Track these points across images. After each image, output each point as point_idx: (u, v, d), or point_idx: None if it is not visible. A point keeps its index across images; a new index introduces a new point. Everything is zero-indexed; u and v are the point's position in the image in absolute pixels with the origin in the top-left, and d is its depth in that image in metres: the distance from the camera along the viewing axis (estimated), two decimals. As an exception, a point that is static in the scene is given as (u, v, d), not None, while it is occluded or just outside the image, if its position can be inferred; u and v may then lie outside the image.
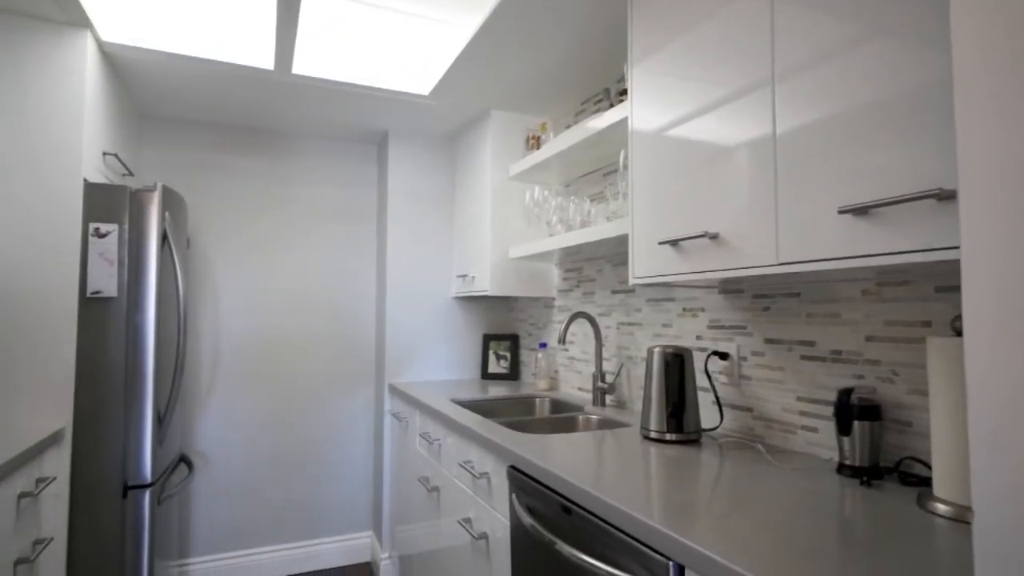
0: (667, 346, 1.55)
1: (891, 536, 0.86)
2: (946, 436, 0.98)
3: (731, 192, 1.20)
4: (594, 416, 1.95)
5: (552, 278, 2.59)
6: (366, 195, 3.04)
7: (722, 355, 1.61)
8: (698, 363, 1.72)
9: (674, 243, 1.35)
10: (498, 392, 2.42)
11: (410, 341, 2.82)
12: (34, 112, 1.73)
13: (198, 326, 2.65)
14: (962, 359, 0.93)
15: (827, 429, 1.34)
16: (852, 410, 1.18)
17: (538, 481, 1.30)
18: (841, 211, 0.93)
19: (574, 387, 2.40)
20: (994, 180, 0.51)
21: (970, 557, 0.78)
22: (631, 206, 1.52)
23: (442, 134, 2.90)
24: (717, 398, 1.60)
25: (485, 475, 1.61)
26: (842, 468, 1.20)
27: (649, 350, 1.58)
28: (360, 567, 2.82)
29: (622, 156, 1.76)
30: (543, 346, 2.52)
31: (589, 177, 2.33)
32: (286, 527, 2.77)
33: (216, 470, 2.66)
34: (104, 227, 1.79)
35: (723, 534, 0.86)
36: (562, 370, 2.49)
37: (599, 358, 2.11)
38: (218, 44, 2.00)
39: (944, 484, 0.98)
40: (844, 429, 1.19)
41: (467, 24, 1.95)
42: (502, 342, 2.90)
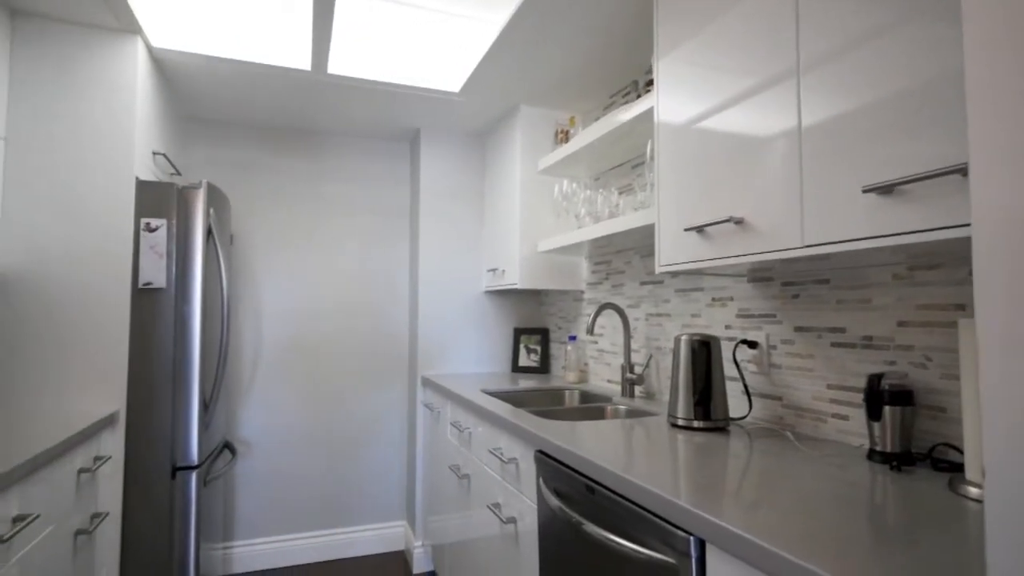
0: (694, 333, 1.55)
1: (921, 520, 0.85)
2: (978, 418, 0.97)
3: (756, 177, 1.19)
4: (622, 406, 1.96)
5: (581, 271, 2.61)
6: (399, 192, 3.11)
7: (751, 344, 1.60)
8: (727, 352, 1.71)
9: (700, 229, 1.35)
10: (528, 384, 2.45)
11: (442, 335, 2.87)
12: (90, 115, 1.85)
13: (240, 317, 2.77)
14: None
15: (858, 417, 1.32)
16: (882, 395, 1.17)
17: (564, 464, 1.33)
18: (866, 190, 0.92)
19: (603, 379, 2.41)
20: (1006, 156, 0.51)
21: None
22: (657, 195, 1.53)
23: (472, 131, 2.94)
24: (746, 387, 1.59)
25: (513, 460, 1.64)
26: (872, 454, 1.18)
27: (676, 338, 1.58)
28: (394, 555, 2.89)
29: (649, 147, 1.76)
30: (572, 339, 2.53)
31: (618, 170, 2.33)
32: (323, 514, 2.86)
33: (257, 457, 2.77)
34: (154, 222, 1.90)
35: (746, 510, 0.87)
36: (592, 363, 2.50)
37: (627, 349, 2.11)
38: (257, 46, 2.09)
39: (976, 467, 0.96)
40: (874, 415, 1.18)
41: (494, 21, 1.99)
42: (533, 336, 2.92)
